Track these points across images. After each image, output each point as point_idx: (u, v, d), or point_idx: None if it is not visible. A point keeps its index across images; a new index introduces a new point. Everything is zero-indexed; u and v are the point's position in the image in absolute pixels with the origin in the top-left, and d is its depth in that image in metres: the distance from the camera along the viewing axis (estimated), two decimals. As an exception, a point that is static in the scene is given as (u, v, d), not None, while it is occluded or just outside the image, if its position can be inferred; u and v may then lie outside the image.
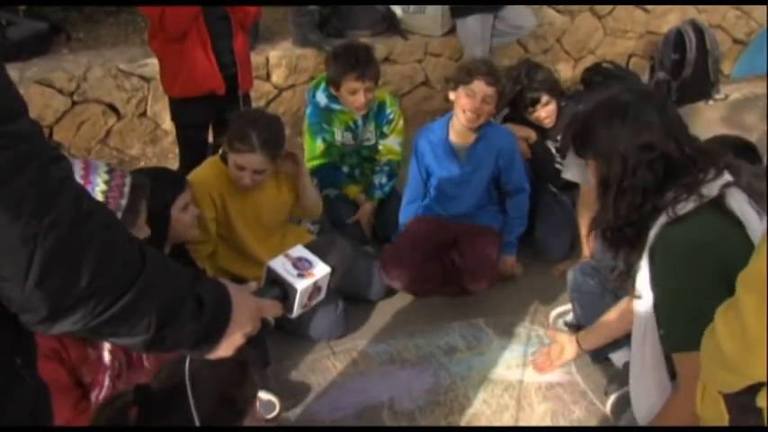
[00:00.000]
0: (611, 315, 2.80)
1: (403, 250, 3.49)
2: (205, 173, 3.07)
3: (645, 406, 2.17)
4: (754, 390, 1.31)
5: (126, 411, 1.52)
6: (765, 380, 1.27)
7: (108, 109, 4.68)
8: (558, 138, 3.86)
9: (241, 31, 3.74)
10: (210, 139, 4.01)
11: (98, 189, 1.96)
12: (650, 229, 1.94)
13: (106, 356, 2.01)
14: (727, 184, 1.85)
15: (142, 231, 2.14)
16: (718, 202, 1.84)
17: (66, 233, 1.00)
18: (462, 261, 3.43)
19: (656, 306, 1.94)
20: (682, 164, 1.90)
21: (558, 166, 3.83)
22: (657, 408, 2.09)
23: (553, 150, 3.89)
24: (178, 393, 1.47)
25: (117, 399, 1.56)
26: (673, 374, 2.06)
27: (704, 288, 1.78)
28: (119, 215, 1.98)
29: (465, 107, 3.40)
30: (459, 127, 3.51)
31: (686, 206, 1.85)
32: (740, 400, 1.35)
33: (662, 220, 1.90)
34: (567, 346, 2.97)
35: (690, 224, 1.84)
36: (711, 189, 1.85)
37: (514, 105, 3.89)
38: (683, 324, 1.85)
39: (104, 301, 1.04)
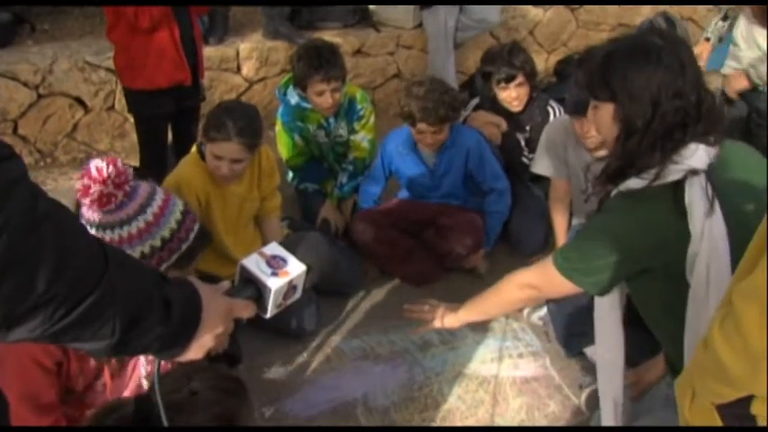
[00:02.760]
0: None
1: (374, 213, 3.63)
2: (189, 172, 2.99)
3: (604, 346, 2.25)
4: (747, 398, 1.28)
5: (125, 421, 1.49)
6: None
7: (75, 102, 4.60)
8: (528, 128, 3.85)
9: (197, 19, 3.73)
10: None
11: (168, 226, 1.91)
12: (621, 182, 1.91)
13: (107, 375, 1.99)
14: (693, 171, 1.80)
15: (190, 273, 2.05)
16: (676, 186, 1.80)
17: (19, 236, 0.94)
18: (449, 221, 3.53)
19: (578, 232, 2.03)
20: (692, 119, 1.84)
21: (524, 159, 3.82)
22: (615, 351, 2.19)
23: (522, 143, 3.87)
24: (177, 410, 1.44)
25: (118, 408, 1.52)
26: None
27: (613, 245, 1.86)
28: (175, 255, 1.92)
29: (421, 141, 3.50)
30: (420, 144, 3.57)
31: (651, 178, 1.83)
32: (734, 410, 1.32)
33: (626, 184, 1.87)
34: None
35: (640, 201, 1.84)
36: (677, 171, 1.81)
37: (486, 82, 3.86)
38: (572, 250, 1.99)
39: (63, 307, 0.99)
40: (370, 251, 3.58)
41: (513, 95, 3.78)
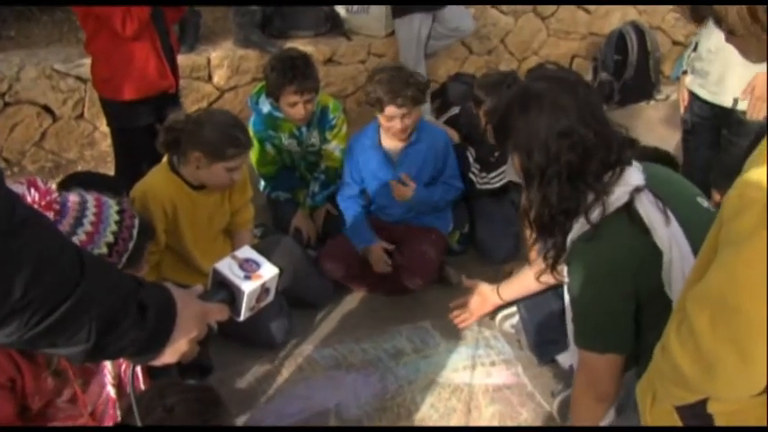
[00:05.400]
0: (534, 268, 2.80)
1: (340, 247, 3.54)
2: (157, 183, 2.95)
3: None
4: (705, 398, 1.31)
5: None
6: (729, 396, 1.27)
7: (43, 111, 4.54)
8: (496, 154, 3.78)
9: (172, 27, 3.70)
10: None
11: (109, 230, 1.88)
12: (570, 231, 1.96)
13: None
14: (637, 189, 1.87)
15: (143, 269, 2.06)
16: (628, 207, 1.86)
17: None
18: (401, 258, 3.46)
19: (571, 302, 2.02)
20: (595, 149, 1.89)
21: (471, 176, 3.82)
22: None
23: (471, 159, 3.86)
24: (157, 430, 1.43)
25: None
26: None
27: (613, 302, 1.90)
28: (125, 257, 1.90)
29: (389, 129, 3.42)
30: (389, 133, 3.49)
31: (599, 212, 1.87)
32: (693, 411, 1.35)
33: (577, 228, 1.92)
34: (488, 296, 2.92)
35: (601, 240, 1.87)
36: (622, 194, 1.87)
37: (475, 105, 3.82)
38: (590, 328, 1.97)
39: (40, 312, 1.00)
40: (343, 284, 3.55)
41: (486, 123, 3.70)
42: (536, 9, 5.99)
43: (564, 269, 2.05)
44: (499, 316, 3.33)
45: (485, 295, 2.93)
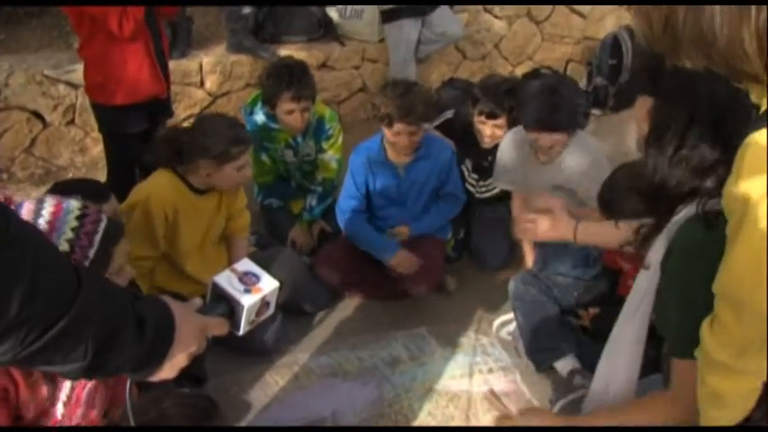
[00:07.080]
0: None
1: (336, 253, 3.51)
2: (161, 186, 2.91)
3: (616, 380, 2.00)
4: None
5: None
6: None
7: (33, 116, 4.49)
8: (489, 159, 3.73)
9: (164, 31, 3.66)
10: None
11: (64, 238, 1.80)
12: (678, 212, 1.74)
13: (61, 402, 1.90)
14: None
15: (121, 277, 1.96)
16: None
17: None
18: None
19: (660, 295, 1.78)
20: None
21: (468, 186, 3.80)
22: (626, 385, 1.91)
23: (467, 173, 3.84)
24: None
25: None
26: (646, 359, 1.91)
27: None
28: (86, 264, 1.83)
29: (395, 144, 3.37)
30: (395, 148, 3.44)
31: (717, 204, 1.61)
32: None
33: (685, 212, 1.71)
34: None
35: (716, 230, 1.55)
36: None
37: (472, 106, 3.78)
38: (691, 332, 1.64)
39: (36, 330, 0.97)
40: (338, 290, 3.52)
41: (487, 132, 3.68)
42: (530, 14, 5.98)
43: (652, 250, 1.80)
44: (496, 323, 3.31)
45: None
